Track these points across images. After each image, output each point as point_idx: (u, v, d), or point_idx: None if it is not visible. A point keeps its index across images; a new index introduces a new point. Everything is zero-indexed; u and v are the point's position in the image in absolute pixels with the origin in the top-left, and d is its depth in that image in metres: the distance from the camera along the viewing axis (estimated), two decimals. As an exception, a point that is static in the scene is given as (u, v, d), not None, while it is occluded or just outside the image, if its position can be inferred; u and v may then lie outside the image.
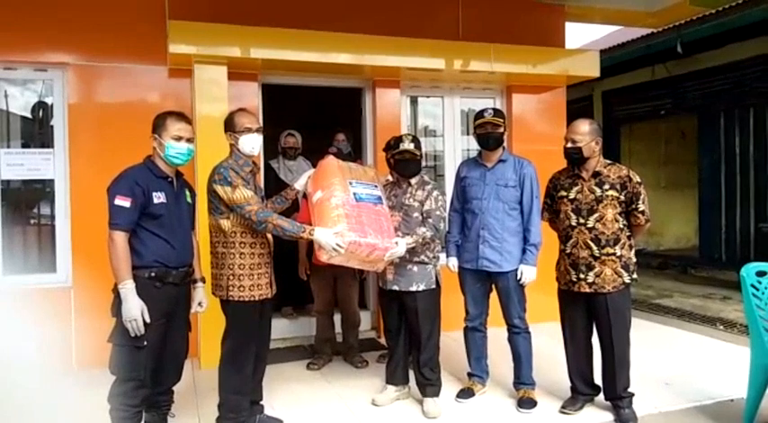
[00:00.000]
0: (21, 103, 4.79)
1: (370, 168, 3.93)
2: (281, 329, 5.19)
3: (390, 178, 3.86)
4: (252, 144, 3.19)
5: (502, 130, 3.72)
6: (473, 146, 5.39)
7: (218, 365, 3.21)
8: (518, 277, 3.67)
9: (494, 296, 3.82)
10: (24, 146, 4.76)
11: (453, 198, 3.94)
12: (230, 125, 3.21)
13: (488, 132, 3.70)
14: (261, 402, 3.46)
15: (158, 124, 2.93)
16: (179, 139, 2.90)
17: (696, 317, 6.29)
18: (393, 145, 3.74)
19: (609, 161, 3.51)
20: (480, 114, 3.75)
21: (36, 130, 4.83)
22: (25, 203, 4.85)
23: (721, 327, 5.83)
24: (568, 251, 3.51)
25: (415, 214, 3.61)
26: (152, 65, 4.73)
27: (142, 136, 3.08)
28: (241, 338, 3.16)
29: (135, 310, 2.70)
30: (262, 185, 4.39)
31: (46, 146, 4.67)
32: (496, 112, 3.74)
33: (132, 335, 2.72)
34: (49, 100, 4.72)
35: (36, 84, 4.76)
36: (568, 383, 3.69)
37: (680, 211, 10.34)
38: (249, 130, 3.17)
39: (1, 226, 4.55)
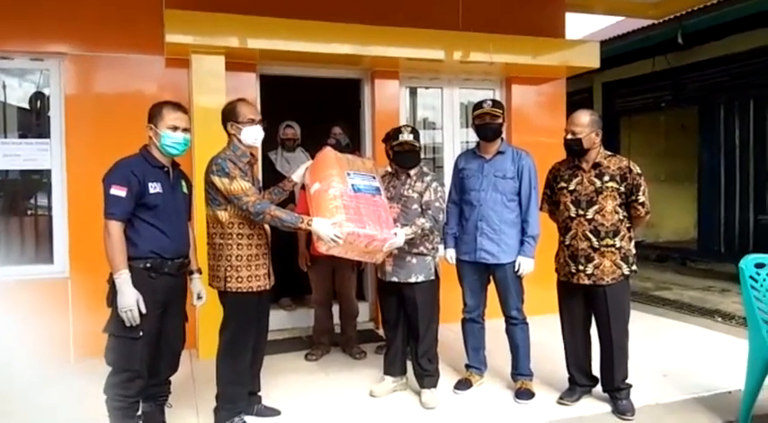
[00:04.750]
0: (18, 93, 4.77)
1: (368, 160, 3.92)
2: (280, 320, 5.19)
3: (389, 169, 3.84)
4: (255, 135, 3.18)
5: (500, 121, 3.70)
6: (472, 138, 5.36)
7: (216, 356, 3.21)
8: (516, 269, 3.66)
9: (491, 288, 3.82)
10: (22, 137, 4.73)
11: (451, 190, 3.92)
12: (233, 115, 3.17)
13: (487, 123, 3.68)
14: (258, 393, 3.47)
15: (154, 114, 2.90)
16: (175, 128, 2.88)
17: (694, 309, 6.30)
18: (392, 136, 3.71)
19: (609, 152, 3.49)
20: (479, 105, 3.73)
21: (33, 121, 4.80)
22: (22, 194, 4.84)
23: (719, 319, 5.83)
24: (568, 243, 3.50)
25: (414, 206, 3.59)
26: (149, 55, 4.70)
27: (139, 126, 3.05)
28: (239, 329, 3.16)
29: (130, 300, 2.68)
30: (260, 177, 4.38)
31: (43, 136, 4.64)
32: (495, 103, 3.72)
33: (128, 325, 2.70)
34: (46, 91, 4.69)
35: (33, 74, 4.73)
36: (566, 375, 3.69)
37: (679, 203, 10.33)
38: (252, 122, 3.16)
39: (-2, 216, 4.54)
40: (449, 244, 3.86)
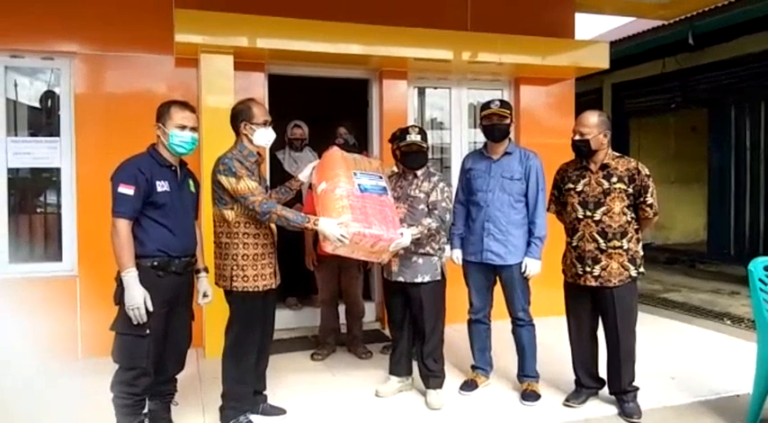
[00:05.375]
0: (29, 92, 4.80)
1: (375, 159, 3.92)
2: (286, 320, 5.20)
3: (396, 169, 3.84)
4: (268, 138, 3.19)
5: (508, 121, 3.69)
6: (480, 138, 5.35)
7: (222, 355, 3.22)
8: (522, 270, 3.65)
9: (498, 288, 3.81)
10: (32, 135, 4.76)
11: (458, 190, 3.91)
12: (247, 115, 3.16)
13: (494, 124, 3.67)
14: (264, 392, 3.47)
15: (162, 113, 2.92)
16: (183, 127, 2.89)
17: (703, 312, 6.25)
18: (399, 136, 3.72)
19: (617, 153, 3.47)
20: (487, 105, 3.72)
21: (44, 120, 4.84)
22: (32, 192, 4.87)
23: (729, 322, 5.79)
24: (575, 244, 3.48)
25: (421, 206, 3.59)
26: (159, 54, 4.72)
27: (148, 125, 3.07)
28: (244, 329, 3.16)
29: (138, 298, 2.70)
30: (267, 176, 4.39)
31: (53, 135, 4.67)
32: (503, 104, 3.71)
33: (135, 323, 2.72)
34: (56, 89, 4.72)
35: (44, 73, 4.76)
36: (573, 377, 3.68)
37: (689, 205, 10.27)
38: (266, 123, 3.17)
39: (8, 214, 4.57)
40: (455, 244, 3.85)
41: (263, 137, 3.17)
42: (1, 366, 4.09)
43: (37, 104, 4.83)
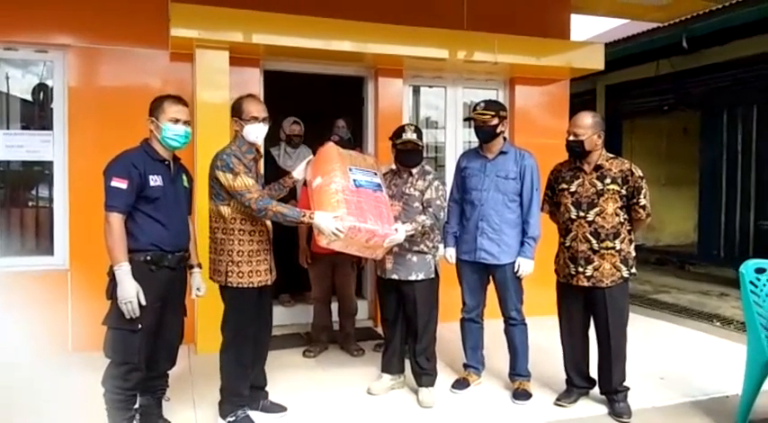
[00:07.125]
0: (22, 85, 4.76)
1: (370, 156, 3.92)
2: (278, 317, 5.11)
3: (393, 167, 3.84)
4: (257, 133, 3.17)
5: (494, 122, 3.66)
6: (475, 138, 5.36)
7: (220, 351, 3.22)
8: (515, 270, 3.66)
9: (491, 287, 3.82)
10: (24, 128, 4.73)
11: (453, 188, 3.92)
12: (238, 111, 3.17)
13: (478, 126, 3.68)
14: (266, 388, 3.46)
15: (155, 107, 2.91)
16: (176, 121, 2.88)
17: (693, 313, 6.30)
18: (396, 134, 3.72)
19: (611, 155, 3.49)
20: (474, 107, 3.74)
21: (36, 113, 4.81)
22: (24, 185, 4.83)
23: (718, 323, 5.83)
24: (568, 244, 3.50)
25: (416, 204, 3.60)
26: (153, 49, 4.69)
27: (142, 120, 3.05)
28: (239, 324, 3.16)
29: (130, 292, 2.69)
30: (262, 172, 4.37)
31: (46, 128, 4.64)
32: (488, 105, 3.69)
33: (127, 317, 2.71)
34: (49, 82, 4.69)
35: (37, 66, 4.73)
36: (564, 376, 3.69)
37: (680, 207, 10.32)
38: (256, 120, 3.15)
39: (-1, 207, 4.55)
40: (449, 243, 3.86)
41: (252, 133, 3.15)
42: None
43: (29, 97, 4.79)
